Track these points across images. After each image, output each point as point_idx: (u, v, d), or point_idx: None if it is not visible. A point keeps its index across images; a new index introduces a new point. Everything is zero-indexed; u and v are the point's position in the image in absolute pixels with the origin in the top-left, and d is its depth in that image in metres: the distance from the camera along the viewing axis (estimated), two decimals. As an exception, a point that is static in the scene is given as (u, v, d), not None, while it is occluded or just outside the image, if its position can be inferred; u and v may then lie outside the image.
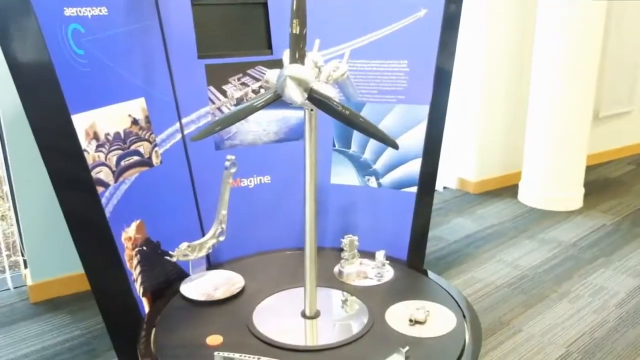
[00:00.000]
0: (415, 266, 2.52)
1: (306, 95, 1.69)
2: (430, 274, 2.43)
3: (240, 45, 2.53)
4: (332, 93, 1.73)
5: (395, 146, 1.68)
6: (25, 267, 2.77)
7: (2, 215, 3.04)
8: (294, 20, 1.68)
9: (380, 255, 2.39)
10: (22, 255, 2.80)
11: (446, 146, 4.27)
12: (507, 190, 4.41)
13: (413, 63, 2.48)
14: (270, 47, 2.56)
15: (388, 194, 2.61)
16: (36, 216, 2.61)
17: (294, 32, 1.69)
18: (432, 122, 2.48)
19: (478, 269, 3.11)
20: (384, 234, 2.62)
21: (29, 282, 2.73)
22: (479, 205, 4.13)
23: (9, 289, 2.82)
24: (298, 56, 1.70)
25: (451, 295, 2.22)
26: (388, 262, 2.42)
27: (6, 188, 2.77)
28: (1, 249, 2.89)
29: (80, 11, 2.02)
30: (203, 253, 2.32)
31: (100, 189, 2.03)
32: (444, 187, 4.40)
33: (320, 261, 2.47)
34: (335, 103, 1.66)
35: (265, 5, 2.53)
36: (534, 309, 2.72)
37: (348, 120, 1.67)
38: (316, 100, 1.68)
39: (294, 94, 1.67)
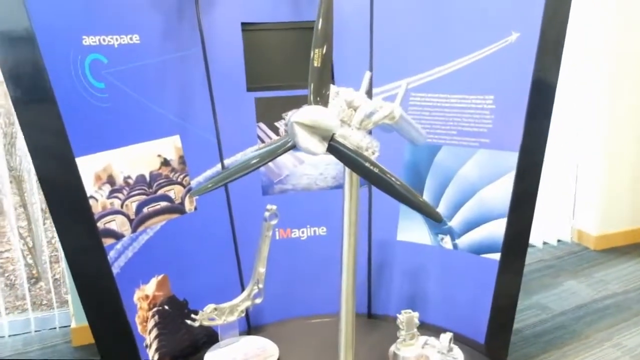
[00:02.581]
0: (494, 353, 2.00)
1: (326, 145, 1.31)
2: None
3: (295, 76, 2.19)
4: (364, 142, 1.34)
5: (438, 218, 1.24)
6: (73, 306, 2.62)
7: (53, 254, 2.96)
8: (316, 50, 1.32)
9: (445, 338, 1.91)
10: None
11: (562, 192, 3.63)
12: (638, 248, 3.63)
13: (500, 99, 1.99)
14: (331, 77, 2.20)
15: (465, 259, 2.12)
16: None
17: (316, 64, 1.32)
18: (522, 174, 1.96)
19: (587, 355, 2.47)
20: (457, 308, 2.13)
21: (73, 324, 2.58)
22: (599, 265, 3.42)
23: (55, 328, 2.70)
24: (320, 96, 1.33)
25: (535, 405, 1.69)
26: (457, 345, 1.94)
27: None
28: (50, 285, 2.78)
29: (103, 40, 1.80)
30: (234, 317, 2.00)
31: (108, 241, 1.78)
32: (558, 241, 3.72)
33: (376, 336, 2.09)
34: (359, 156, 1.26)
35: (325, 29, 2.18)
36: (659, 423, 2.07)
37: (377, 180, 1.26)
38: (336, 151, 1.29)
39: (309, 143, 1.31)
